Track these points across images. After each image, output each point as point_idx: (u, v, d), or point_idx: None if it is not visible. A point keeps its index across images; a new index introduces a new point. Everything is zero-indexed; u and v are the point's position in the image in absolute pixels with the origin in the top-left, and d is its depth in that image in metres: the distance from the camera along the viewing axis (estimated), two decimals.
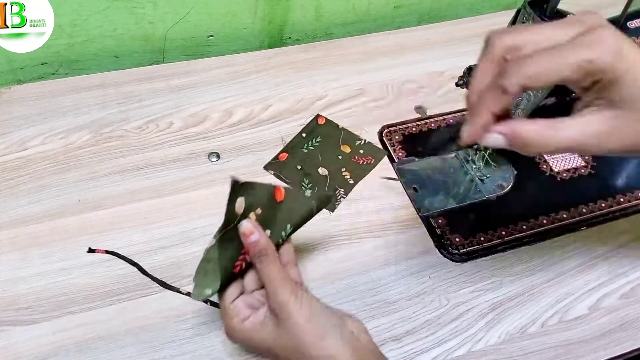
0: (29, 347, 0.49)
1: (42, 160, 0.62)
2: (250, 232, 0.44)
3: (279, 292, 0.42)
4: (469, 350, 0.53)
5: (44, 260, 0.55)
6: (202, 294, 0.45)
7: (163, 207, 0.60)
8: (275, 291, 0.43)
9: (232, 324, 0.45)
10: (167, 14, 0.73)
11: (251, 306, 0.45)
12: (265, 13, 0.78)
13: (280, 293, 0.42)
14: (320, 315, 0.43)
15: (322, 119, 0.70)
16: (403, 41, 0.81)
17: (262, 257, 0.44)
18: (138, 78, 0.71)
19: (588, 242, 0.62)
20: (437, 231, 0.61)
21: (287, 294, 0.42)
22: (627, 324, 0.56)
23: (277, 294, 0.42)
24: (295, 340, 0.42)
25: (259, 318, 0.44)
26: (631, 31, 0.55)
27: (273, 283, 0.43)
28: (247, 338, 0.44)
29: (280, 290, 0.43)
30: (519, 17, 0.52)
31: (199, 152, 0.65)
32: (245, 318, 0.44)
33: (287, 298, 0.42)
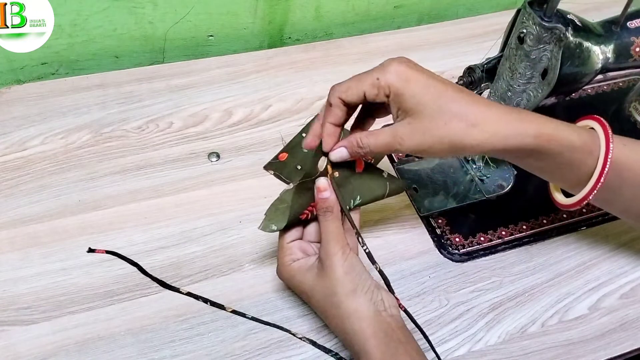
0: (29, 347, 0.49)
1: (42, 160, 0.62)
2: (324, 188, 0.49)
3: (331, 244, 0.47)
4: (469, 350, 0.53)
5: (44, 260, 0.55)
6: (268, 227, 0.49)
7: (163, 207, 0.60)
8: (327, 243, 0.47)
9: (283, 261, 0.50)
10: (167, 14, 0.73)
11: (304, 251, 0.51)
12: (265, 13, 0.78)
13: (331, 246, 0.47)
14: (358, 274, 0.47)
15: None
16: (403, 41, 0.81)
17: (327, 213, 0.48)
18: (138, 78, 0.71)
19: (588, 242, 0.62)
20: (437, 231, 0.61)
21: (337, 248, 0.47)
22: (627, 324, 0.56)
23: (328, 246, 0.47)
24: (331, 289, 0.47)
25: (308, 263, 0.49)
26: (631, 31, 0.55)
27: (328, 236, 0.48)
28: (290, 277, 0.50)
29: (332, 243, 0.47)
30: (519, 17, 0.52)
31: (199, 152, 0.65)
32: (296, 259, 0.50)
33: (336, 251, 0.47)
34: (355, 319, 0.46)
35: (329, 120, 0.48)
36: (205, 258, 0.56)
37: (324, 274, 0.47)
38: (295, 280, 0.50)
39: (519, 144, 0.45)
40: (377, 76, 0.45)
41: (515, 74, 0.53)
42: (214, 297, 0.54)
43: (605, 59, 0.54)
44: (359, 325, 0.46)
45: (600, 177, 0.47)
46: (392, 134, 0.46)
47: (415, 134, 0.45)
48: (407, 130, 0.46)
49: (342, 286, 0.46)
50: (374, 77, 0.45)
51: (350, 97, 0.47)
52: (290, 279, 0.50)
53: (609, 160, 0.47)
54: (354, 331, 0.46)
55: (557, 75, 0.51)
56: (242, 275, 0.56)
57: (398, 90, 0.45)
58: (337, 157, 0.49)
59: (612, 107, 0.71)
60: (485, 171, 0.65)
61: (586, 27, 0.53)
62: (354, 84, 0.47)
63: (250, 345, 0.51)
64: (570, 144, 0.47)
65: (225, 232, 0.58)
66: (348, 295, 0.46)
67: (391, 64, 0.45)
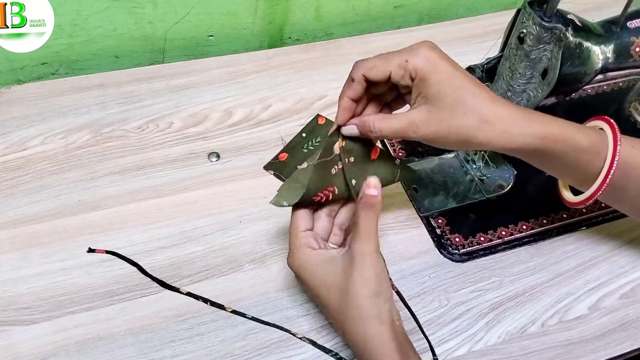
0: (29, 347, 0.49)
1: (42, 160, 0.62)
2: (374, 187, 0.47)
3: (369, 242, 0.45)
4: (469, 350, 0.53)
5: (44, 260, 0.55)
6: (279, 203, 0.49)
7: (163, 207, 0.60)
8: (365, 240, 0.45)
9: (299, 245, 0.48)
10: (167, 14, 0.73)
11: (317, 242, 0.49)
12: (265, 13, 0.78)
13: (368, 243, 0.45)
14: (383, 279, 0.46)
15: (322, 119, 0.69)
16: (403, 41, 0.80)
17: (372, 208, 0.46)
18: (138, 78, 0.71)
19: (588, 242, 0.62)
20: (437, 231, 0.61)
21: (372, 247, 0.45)
22: (627, 324, 0.56)
23: (365, 243, 0.45)
24: (354, 288, 0.44)
25: (329, 254, 0.48)
26: (631, 31, 0.55)
27: (369, 232, 0.45)
28: (305, 266, 0.47)
29: (371, 241, 0.45)
30: (519, 17, 0.52)
31: (199, 152, 0.65)
32: (313, 248, 0.48)
33: (371, 250, 0.45)
34: (376, 323, 0.44)
35: (348, 95, 0.49)
36: (205, 258, 0.56)
37: (352, 270, 0.45)
38: (311, 268, 0.47)
39: (526, 144, 0.46)
40: (406, 58, 0.46)
41: (515, 74, 0.53)
42: (214, 297, 0.54)
43: (605, 59, 0.54)
44: (379, 329, 0.44)
45: (607, 178, 0.47)
46: (407, 120, 0.47)
47: (432, 122, 0.46)
48: (423, 117, 0.46)
49: (367, 287, 0.44)
50: (402, 58, 0.46)
51: (374, 75, 0.47)
52: (305, 266, 0.47)
53: (615, 161, 0.47)
54: (372, 335, 0.44)
55: (557, 75, 0.51)
56: (242, 275, 0.56)
57: (425, 75, 0.45)
58: (347, 132, 0.50)
59: (612, 107, 0.71)
60: (485, 171, 0.65)
61: (586, 27, 0.53)
62: (380, 63, 0.47)
63: (250, 345, 0.51)
64: (576, 144, 0.47)
65: (225, 232, 0.58)
66: (371, 298, 0.44)
67: (421, 47, 0.46)
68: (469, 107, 0.45)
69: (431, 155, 0.67)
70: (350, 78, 0.48)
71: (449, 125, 0.46)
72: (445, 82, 0.45)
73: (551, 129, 0.47)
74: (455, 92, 0.45)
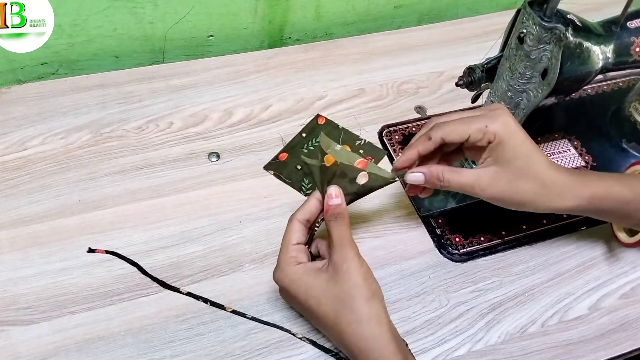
0: (29, 347, 0.49)
1: (42, 160, 0.62)
2: (335, 195, 0.50)
3: (346, 249, 0.47)
4: (469, 350, 0.53)
5: (44, 260, 0.55)
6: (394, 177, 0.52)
7: (163, 207, 0.60)
8: (343, 247, 0.47)
9: (287, 261, 0.49)
10: (167, 14, 0.73)
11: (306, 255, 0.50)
12: (265, 13, 0.78)
13: (347, 250, 0.47)
14: (372, 280, 0.48)
15: (322, 119, 0.70)
16: (403, 41, 0.81)
17: (339, 218, 0.49)
18: (138, 78, 0.71)
19: (588, 242, 0.62)
20: (437, 231, 0.61)
21: (353, 253, 0.47)
22: (627, 324, 0.56)
23: (344, 250, 0.47)
24: (347, 293, 0.46)
25: (316, 265, 0.49)
26: (631, 31, 0.55)
27: (343, 241, 0.48)
28: (294, 280, 0.48)
29: (347, 247, 0.47)
30: (519, 17, 0.52)
31: (199, 152, 0.65)
32: (301, 262, 0.49)
33: (352, 256, 0.47)
34: (375, 323, 0.46)
35: (419, 149, 0.51)
36: (205, 258, 0.56)
37: (339, 278, 0.46)
38: (298, 284, 0.48)
39: (577, 205, 0.50)
40: (486, 123, 0.49)
41: (515, 74, 0.53)
42: (214, 297, 0.54)
43: (605, 59, 0.54)
44: (379, 330, 0.45)
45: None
46: (475, 178, 0.50)
47: (499, 183, 0.49)
48: (491, 177, 0.50)
49: (360, 291, 0.46)
50: (483, 123, 0.49)
51: (452, 138, 0.50)
52: (293, 282, 0.48)
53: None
54: (373, 336, 0.45)
55: (557, 75, 0.51)
56: (242, 275, 0.56)
57: (502, 140, 0.48)
58: (413, 180, 0.52)
59: (612, 107, 0.71)
60: None
61: (586, 27, 0.53)
62: (460, 127, 0.49)
63: (250, 345, 0.51)
64: (622, 199, 0.51)
65: (225, 232, 0.58)
66: (368, 300, 0.46)
67: (501, 115, 0.49)
68: (534, 174, 0.49)
69: None
70: (427, 136, 0.50)
71: (514, 188, 0.49)
72: (518, 148, 0.49)
73: (598, 189, 0.50)
74: (524, 159, 0.48)
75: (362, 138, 0.68)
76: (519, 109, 0.56)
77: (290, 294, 0.49)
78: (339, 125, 0.69)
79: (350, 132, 0.68)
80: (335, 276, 0.47)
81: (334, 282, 0.47)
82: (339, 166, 0.51)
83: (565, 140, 0.70)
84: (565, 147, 0.69)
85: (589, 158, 0.68)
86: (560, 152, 0.69)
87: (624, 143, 0.67)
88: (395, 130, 0.69)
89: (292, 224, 0.50)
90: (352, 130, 0.69)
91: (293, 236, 0.50)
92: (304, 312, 0.51)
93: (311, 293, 0.48)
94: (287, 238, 0.50)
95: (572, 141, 0.70)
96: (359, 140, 0.68)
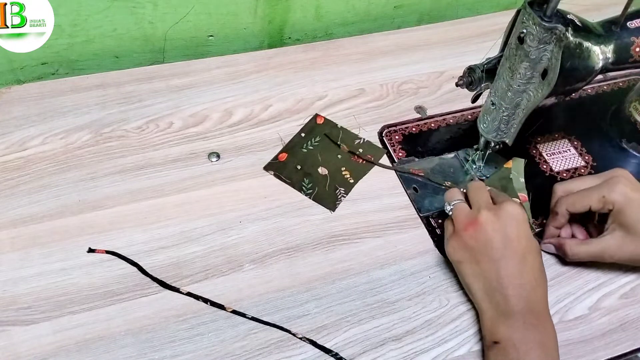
0: (29, 347, 0.49)
1: (42, 160, 0.62)
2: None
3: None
4: (469, 350, 0.53)
5: (44, 260, 0.55)
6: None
7: (163, 207, 0.60)
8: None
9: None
10: (167, 14, 0.73)
11: None
12: (265, 13, 0.78)
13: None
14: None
15: (321, 119, 0.70)
16: (403, 41, 0.81)
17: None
18: (138, 78, 0.71)
19: None
20: (437, 231, 0.61)
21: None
22: (627, 324, 0.56)
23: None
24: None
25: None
26: (631, 31, 0.55)
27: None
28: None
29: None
30: (519, 17, 0.52)
31: (199, 152, 0.65)
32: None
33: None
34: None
35: (554, 225, 0.58)
36: (205, 258, 0.56)
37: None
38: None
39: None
40: (603, 194, 0.54)
41: (515, 74, 0.53)
42: (214, 297, 0.54)
43: (605, 59, 0.54)
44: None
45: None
46: (603, 247, 0.55)
47: (627, 248, 0.54)
48: (618, 243, 0.54)
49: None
50: (600, 194, 0.54)
51: (576, 209, 0.56)
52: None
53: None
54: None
55: (557, 75, 0.51)
56: (242, 275, 0.56)
57: (621, 208, 0.53)
58: (546, 249, 0.59)
59: (612, 107, 0.71)
60: (485, 171, 0.65)
61: (586, 27, 0.53)
62: (580, 199, 0.55)
63: (250, 345, 0.51)
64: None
65: (225, 232, 0.58)
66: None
67: (618, 184, 0.54)
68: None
69: (431, 155, 0.67)
70: (554, 212, 0.57)
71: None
72: (638, 214, 0.53)
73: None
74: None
75: (361, 137, 0.68)
76: (519, 109, 0.56)
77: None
78: (338, 125, 0.69)
79: (349, 132, 0.68)
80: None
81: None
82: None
83: (565, 140, 0.70)
84: (565, 147, 0.69)
85: (589, 158, 0.68)
86: (560, 152, 0.69)
87: (624, 143, 0.67)
88: (395, 130, 0.69)
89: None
90: (351, 130, 0.69)
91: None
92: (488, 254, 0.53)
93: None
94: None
95: (572, 141, 0.70)
96: (358, 140, 0.68)
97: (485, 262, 0.51)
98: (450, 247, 0.54)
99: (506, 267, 0.51)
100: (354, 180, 0.64)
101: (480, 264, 0.52)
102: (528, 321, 0.49)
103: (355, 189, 0.63)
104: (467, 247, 0.52)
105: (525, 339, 0.48)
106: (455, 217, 0.54)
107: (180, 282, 0.55)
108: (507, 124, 0.57)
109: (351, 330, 0.53)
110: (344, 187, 0.63)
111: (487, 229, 0.52)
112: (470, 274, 0.53)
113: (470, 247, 0.52)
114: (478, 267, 0.52)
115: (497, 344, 0.49)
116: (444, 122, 0.70)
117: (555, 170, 0.67)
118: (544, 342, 0.49)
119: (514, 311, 0.49)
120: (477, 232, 0.52)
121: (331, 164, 0.65)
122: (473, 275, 0.52)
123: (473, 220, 0.53)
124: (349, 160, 0.66)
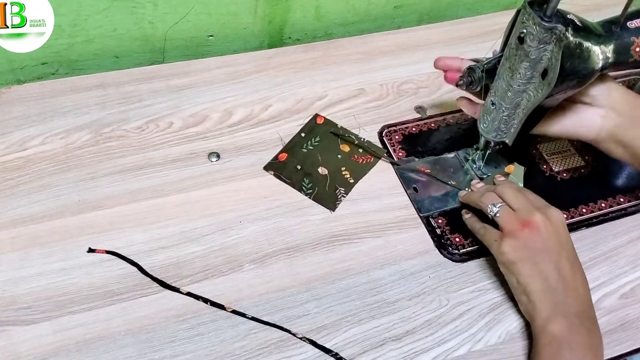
0: (29, 347, 0.49)
1: (42, 160, 0.62)
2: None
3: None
4: (469, 350, 0.53)
5: (44, 260, 0.55)
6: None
7: (163, 207, 0.60)
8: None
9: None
10: (167, 14, 0.73)
11: None
12: (265, 13, 0.78)
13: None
14: None
15: (321, 119, 0.70)
16: (403, 41, 0.81)
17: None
18: (138, 78, 0.71)
19: (588, 242, 0.62)
20: (437, 231, 0.61)
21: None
22: (627, 324, 0.56)
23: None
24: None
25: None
26: (631, 31, 0.55)
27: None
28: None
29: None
30: (519, 17, 0.52)
31: (199, 152, 0.65)
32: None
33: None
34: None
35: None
36: (205, 258, 0.56)
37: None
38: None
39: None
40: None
41: (515, 74, 0.53)
42: (214, 297, 0.54)
43: (605, 59, 0.54)
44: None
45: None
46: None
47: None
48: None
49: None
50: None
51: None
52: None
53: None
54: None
55: (557, 75, 0.50)
56: (242, 275, 0.56)
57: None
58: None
59: None
60: (485, 170, 0.65)
61: (586, 27, 0.53)
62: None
63: (250, 345, 0.51)
64: None
65: (225, 232, 0.58)
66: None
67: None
68: None
69: (431, 155, 0.67)
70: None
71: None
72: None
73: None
74: None
75: (362, 137, 0.68)
76: (519, 109, 0.56)
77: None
78: (338, 125, 0.69)
79: (348, 132, 0.68)
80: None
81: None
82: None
83: (565, 140, 0.70)
84: (565, 147, 0.69)
85: (589, 158, 0.68)
86: (560, 152, 0.69)
87: None
88: (395, 130, 0.69)
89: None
90: (351, 130, 0.69)
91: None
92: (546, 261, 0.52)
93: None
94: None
95: (572, 141, 0.70)
96: (358, 139, 0.68)
97: (545, 262, 0.51)
98: (507, 247, 0.53)
99: (564, 268, 0.51)
100: (354, 180, 0.64)
101: (539, 265, 0.51)
102: (586, 325, 0.49)
103: (355, 189, 0.63)
104: (526, 247, 0.52)
105: (582, 342, 0.48)
106: (504, 218, 0.54)
107: (180, 282, 0.55)
108: (507, 124, 0.57)
109: (351, 330, 0.53)
110: (344, 187, 0.63)
111: (542, 230, 0.52)
112: (528, 274, 0.52)
113: (529, 247, 0.52)
114: (537, 267, 0.51)
115: (550, 343, 0.49)
116: (444, 122, 0.71)
117: (555, 170, 0.67)
118: (596, 348, 0.49)
119: (572, 312, 0.49)
120: (534, 233, 0.52)
121: (331, 164, 0.65)
122: (530, 275, 0.51)
123: (527, 221, 0.52)
124: (349, 160, 0.66)
